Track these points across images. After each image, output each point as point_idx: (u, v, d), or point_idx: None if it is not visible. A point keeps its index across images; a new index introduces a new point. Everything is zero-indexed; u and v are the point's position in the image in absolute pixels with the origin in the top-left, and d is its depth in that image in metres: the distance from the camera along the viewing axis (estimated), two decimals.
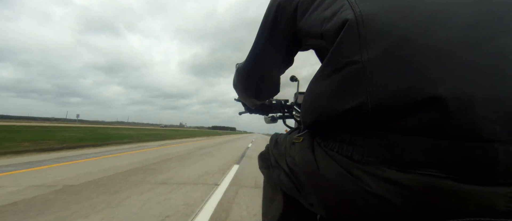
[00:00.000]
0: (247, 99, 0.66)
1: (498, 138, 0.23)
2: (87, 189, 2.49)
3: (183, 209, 2.04)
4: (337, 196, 0.34)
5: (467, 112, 0.24)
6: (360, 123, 0.30)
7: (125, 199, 2.22)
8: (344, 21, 0.32)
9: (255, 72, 0.54)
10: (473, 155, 0.23)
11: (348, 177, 0.31)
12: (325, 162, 0.35)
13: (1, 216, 1.75)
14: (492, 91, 0.24)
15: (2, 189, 2.41)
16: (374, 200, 0.29)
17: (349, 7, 0.32)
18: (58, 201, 2.09)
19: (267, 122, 0.84)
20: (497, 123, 0.23)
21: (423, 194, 0.26)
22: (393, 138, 0.27)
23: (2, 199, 2.10)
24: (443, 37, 0.27)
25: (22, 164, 3.87)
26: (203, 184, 2.98)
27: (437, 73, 0.26)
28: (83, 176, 3.08)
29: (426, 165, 0.25)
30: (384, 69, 0.28)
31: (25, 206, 1.95)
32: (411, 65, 0.27)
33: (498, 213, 0.23)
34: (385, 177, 0.27)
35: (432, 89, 0.25)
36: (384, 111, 0.28)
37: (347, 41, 0.31)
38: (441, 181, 0.24)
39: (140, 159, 4.91)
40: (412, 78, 0.26)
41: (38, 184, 2.60)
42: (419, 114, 0.26)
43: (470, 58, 0.25)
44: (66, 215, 1.80)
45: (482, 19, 0.27)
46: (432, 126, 0.25)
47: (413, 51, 0.27)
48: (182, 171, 3.79)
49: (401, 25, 0.29)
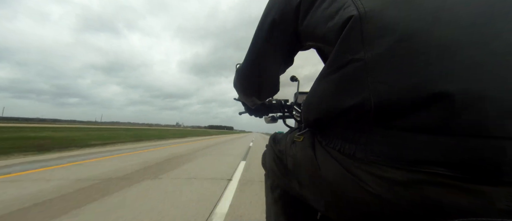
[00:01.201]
0: (247, 99, 0.66)
1: (506, 135, 0.23)
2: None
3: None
4: (337, 195, 0.33)
5: (474, 108, 0.23)
6: (363, 121, 0.30)
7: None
8: (347, 18, 0.32)
9: (255, 72, 0.54)
10: (480, 152, 0.23)
11: (348, 177, 0.31)
12: (326, 161, 0.35)
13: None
14: (499, 88, 0.24)
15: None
16: (375, 200, 0.29)
17: (352, 4, 0.32)
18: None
19: (267, 121, 0.84)
20: (504, 120, 0.23)
21: (424, 194, 0.25)
22: (397, 136, 0.27)
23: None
24: (449, 34, 0.27)
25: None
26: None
27: (442, 70, 0.25)
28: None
29: (431, 163, 0.25)
30: (387, 66, 0.28)
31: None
32: (416, 62, 0.27)
33: (500, 212, 0.23)
34: (387, 176, 0.27)
35: (438, 86, 0.25)
36: (388, 108, 0.27)
37: (350, 39, 0.31)
38: (443, 181, 0.24)
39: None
40: (417, 75, 0.26)
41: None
42: (424, 111, 0.25)
43: (477, 55, 0.25)
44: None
45: (487, 16, 0.27)
46: (438, 123, 0.25)
47: (417, 48, 0.27)
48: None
49: (405, 22, 0.29)
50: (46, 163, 4.10)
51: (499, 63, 0.24)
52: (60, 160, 4.62)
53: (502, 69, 0.24)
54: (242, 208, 2.14)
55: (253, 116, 0.82)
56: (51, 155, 5.28)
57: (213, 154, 6.59)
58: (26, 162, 4.22)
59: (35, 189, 2.46)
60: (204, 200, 2.30)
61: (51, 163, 4.13)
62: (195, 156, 5.94)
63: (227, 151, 7.78)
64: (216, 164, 4.71)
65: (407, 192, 0.26)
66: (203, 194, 2.49)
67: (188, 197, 2.36)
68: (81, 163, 4.23)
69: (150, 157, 5.45)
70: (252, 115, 0.82)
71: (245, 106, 0.79)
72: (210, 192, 2.58)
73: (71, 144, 7.73)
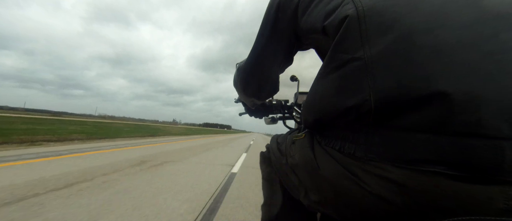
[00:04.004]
0: (247, 99, 0.66)
1: (504, 134, 0.23)
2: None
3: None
4: (337, 195, 0.33)
5: (473, 108, 0.24)
6: (363, 120, 0.29)
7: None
8: (345, 16, 0.31)
9: (256, 71, 0.55)
10: (478, 152, 0.23)
11: (347, 176, 0.31)
12: (325, 161, 0.35)
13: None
14: (497, 88, 0.24)
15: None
16: (374, 199, 0.29)
17: (351, 2, 0.32)
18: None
19: (267, 122, 0.84)
20: (502, 120, 0.23)
21: (422, 193, 0.26)
22: (396, 135, 0.27)
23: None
24: (447, 34, 0.27)
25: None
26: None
27: (441, 69, 0.25)
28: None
29: (430, 162, 0.25)
30: (386, 65, 0.28)
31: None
32: (414, 61, 0.27)
33: (497, 211, 0.23)
34: (386, 176, 0.27)
35: (436, 86, 0.25)
36: (387, 107, 0.27)
37: (349, 37, 0.31)
38: (442, 179, 0.24)
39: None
40: (416, 75, 0.26)
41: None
42: (423, 111, 0.25)
43: (474, 55, 0.25)
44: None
45: (485, 16, 0.27)
46: (436, 122, 0.25)
47: (416, 47, 0.27)
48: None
49: (404, 21, 0.28)
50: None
51: (497, 63, 0.25)
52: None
53: (499, 69, 0.24)
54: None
55: (253, 116, 0.82)
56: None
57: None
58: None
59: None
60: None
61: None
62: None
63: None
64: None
65: (405, 190, 0.26)
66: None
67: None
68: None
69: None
70: (252, 116, 0.82)
71: (245, 107, 0.79)
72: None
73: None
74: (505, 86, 0.24)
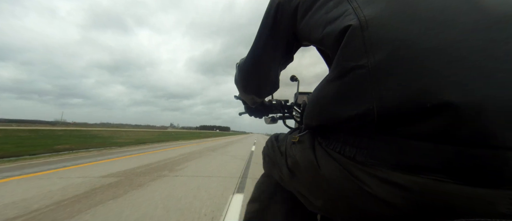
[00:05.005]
0: (247, 97, 0.66)
1: (508, 145, 0.23)
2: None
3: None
4: (337, 196, 0.33)
5: (478, 118, 0.23)
6: (366, 128, 0.29)
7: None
8: (347, 26, 0.31)
9: (255, 69, 0.55)
10: (482, 161, 0.23)
11: (349, 178, 0.31)
12: (326, 162, 0.35)
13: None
14: (502, 97, 0.24)
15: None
16: (375, 201, 0.29)
17: (353, 12, 0.32)
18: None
19: (267, 122, 0.84)
20: (507, 130, 0.23)
21: (425, 196, 0.25)
22: (399, 143, 0.27)
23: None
24: (450, 41, 0.26)
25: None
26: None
27: (445, 78, 0.25)
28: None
29: (432, 170, 0.25)
30: (390, 74, 0.28)
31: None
32: (418, 70, 0.26)
33: (500, 216, 0.23)
34: (387, 179, 0.27)
35: (441, 95, 0.25)
36: (391, 116, 0.27)
37: (352, 46, 0.31)
38: (444, 184, 0.24)
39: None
40: (420, 83, 0.26)
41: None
42: (427, 120, 0.25)
43: (479, 63, 0.25)
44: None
45: (488, 22, 0.27)
46: (440, 131, 0.25)
47: (419, 55, 0.27)
48: None
49: (407, 29, 0.28)
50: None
51: (502, 71, 0.24)
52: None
53: (505, 77, 0.24)
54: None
55: (253, 116, 0.82)
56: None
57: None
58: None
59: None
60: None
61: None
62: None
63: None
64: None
65: (407, 194, 0.26)
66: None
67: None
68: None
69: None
70: (252, 116, 0.82)
71: (245, 106, 0.79)
72: None
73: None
74: (510, 94, 0.23)
